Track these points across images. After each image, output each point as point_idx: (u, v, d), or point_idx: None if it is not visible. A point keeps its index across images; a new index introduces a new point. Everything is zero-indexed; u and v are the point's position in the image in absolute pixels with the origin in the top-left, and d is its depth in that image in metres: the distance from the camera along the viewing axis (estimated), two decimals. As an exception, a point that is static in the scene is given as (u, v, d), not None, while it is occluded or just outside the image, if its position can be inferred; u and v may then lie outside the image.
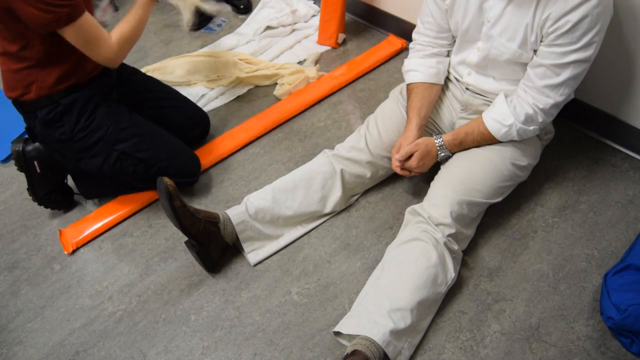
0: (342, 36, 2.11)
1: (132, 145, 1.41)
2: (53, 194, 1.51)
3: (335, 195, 1.42)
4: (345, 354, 1.08)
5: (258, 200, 1.38)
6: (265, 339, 1.23)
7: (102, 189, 1.56)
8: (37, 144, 1.44)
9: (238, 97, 1.93)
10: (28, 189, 1.49)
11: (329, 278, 1.33)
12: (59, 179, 1.53)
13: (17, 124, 1.86)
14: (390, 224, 1.44)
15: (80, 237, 1.47)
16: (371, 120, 1.47)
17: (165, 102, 1.60)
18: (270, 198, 1.38)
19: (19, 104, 1.35)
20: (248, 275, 1.36)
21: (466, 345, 1.18)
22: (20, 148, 1.43)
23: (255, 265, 1.37)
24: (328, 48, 2.11)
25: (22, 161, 1.43)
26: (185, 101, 1.66)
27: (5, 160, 1.76)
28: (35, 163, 1.44)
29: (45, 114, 1.33)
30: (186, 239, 1.36)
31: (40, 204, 1.53)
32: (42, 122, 1.34)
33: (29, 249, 1.48)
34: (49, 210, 1.58)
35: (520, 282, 1.28)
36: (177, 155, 1.50)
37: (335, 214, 1.46)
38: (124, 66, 1.54)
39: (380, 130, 1.42)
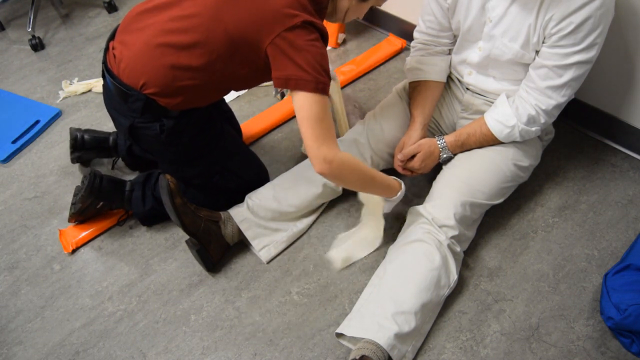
0: (342, 36, 2.12)
1: (228, 159, 1.38)
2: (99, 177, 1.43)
3: (337, 187, 1.42)
4: (352, 358, 1.07)
5: (260, 197, 1.38)
6: (265, 339, 1.23)
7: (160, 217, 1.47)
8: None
9: (238, 97, 1.92)
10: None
11: (329, 278, 1.33)
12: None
13: (17, 124, 1.85)
14: (390, 224, 1.43)
15: (80, 236, 1.46)
16: (373, 115, 1.46)
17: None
18: (272, 195, 1.38)
19: (145, 100, 1.15)
20: (248, 275, 1.36)
21: (466, 345, 1.18)
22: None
23: (269, 262, 1.37)
24: (328, 48, 2.11)
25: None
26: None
27: (6, 160, 1.75)
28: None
29: (173, 123, 1.20)
30: (187, 238, 1.36)
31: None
32: (167, 128, 1.21)
33: (29, 249, 1.48)
34: (48, 210, 1.57)
35: (520, 282, 1.28)
36: (256, 167, 1.49)
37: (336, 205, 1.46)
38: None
39: (383, 126, 1.42)
